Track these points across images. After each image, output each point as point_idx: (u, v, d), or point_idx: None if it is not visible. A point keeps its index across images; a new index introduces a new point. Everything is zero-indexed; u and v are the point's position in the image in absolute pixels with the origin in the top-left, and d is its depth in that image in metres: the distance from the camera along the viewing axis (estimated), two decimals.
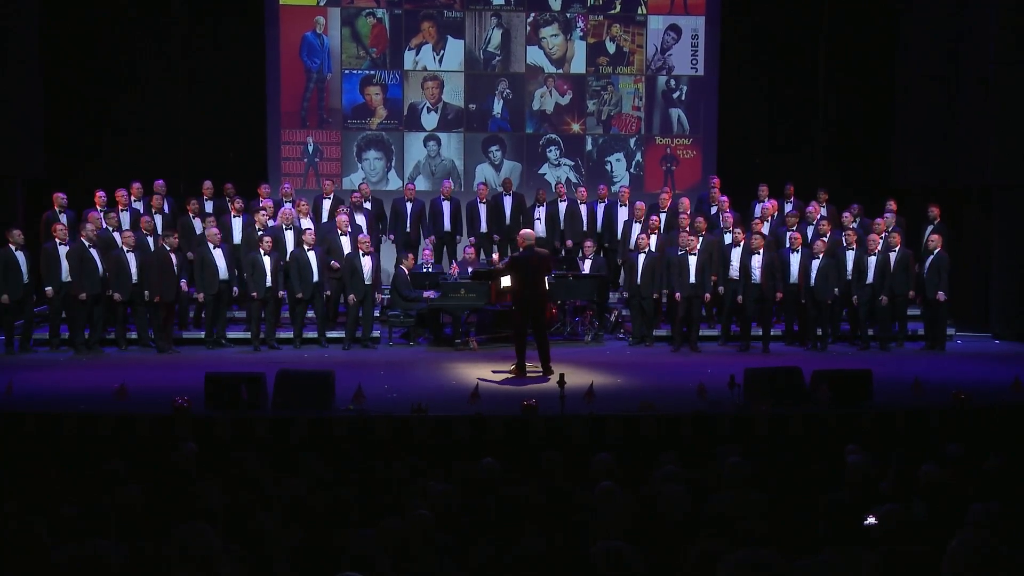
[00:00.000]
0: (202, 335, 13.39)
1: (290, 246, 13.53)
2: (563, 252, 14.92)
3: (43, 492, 6.34)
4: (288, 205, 14.26)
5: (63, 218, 13.44)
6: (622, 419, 9.45)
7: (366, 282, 13.26)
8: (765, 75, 17.00)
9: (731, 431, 9.37)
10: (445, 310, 13.50)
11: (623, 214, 14.84)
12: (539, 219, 14.93)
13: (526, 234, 11.94)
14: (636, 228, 14.14)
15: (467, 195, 16.00)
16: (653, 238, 13.79)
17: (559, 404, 9.40)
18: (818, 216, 14.25)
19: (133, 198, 14.28)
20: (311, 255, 13.24)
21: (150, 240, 13.30)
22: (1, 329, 12.94)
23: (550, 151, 17.25)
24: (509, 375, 11.62)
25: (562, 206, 15.15)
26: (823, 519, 4.92)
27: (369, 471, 6.92)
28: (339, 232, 13.69)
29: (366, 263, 13.30)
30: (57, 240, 12.83)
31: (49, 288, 12.77)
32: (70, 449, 8.66)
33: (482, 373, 11.64)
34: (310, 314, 13.62)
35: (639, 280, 13.38)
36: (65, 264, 12.75)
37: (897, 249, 13.36)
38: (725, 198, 14.68)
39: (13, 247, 12.76)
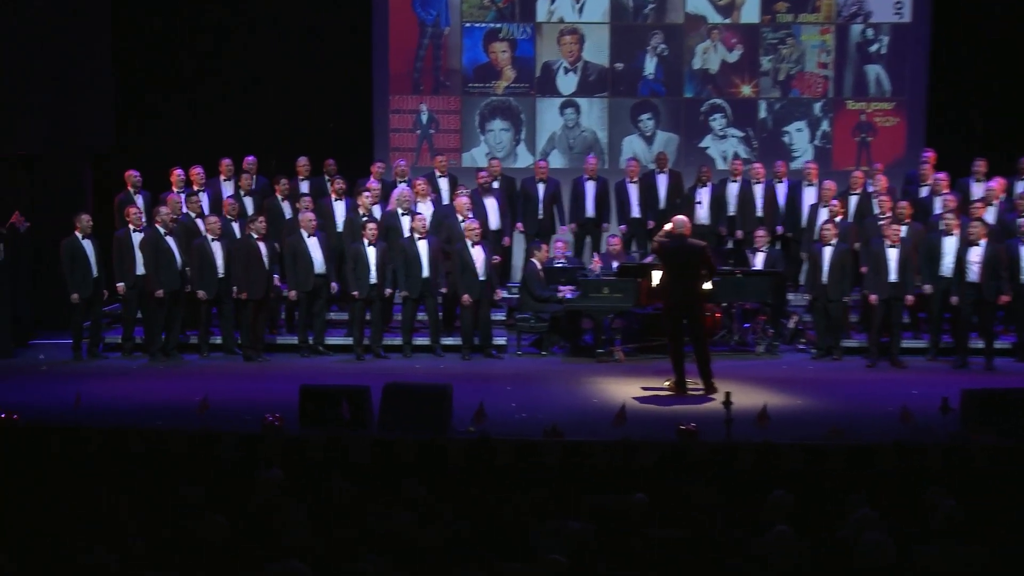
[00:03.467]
0: (295, 340, 13.69)
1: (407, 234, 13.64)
2: (731, 243, 14.74)
3: (111, 521, 6.55)
4: (404, 186, 14.42)
5: (139, 200, 13.80)
6: (803, 449, 9.36)
7: (480, 278, 13.35)
8: (989, 20, 16.44)
9: (943, 467, 9.21)
10: (585, 313, 13.51)
11: (809, 196, 14.59)
12: (700, 202, 14.79)
13: (678, 220, 11.89)
14: (823, 214, 13.88)
15: (612, 173, 15.96)
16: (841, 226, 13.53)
17: (724, 429, 9.34)
18: None
19: (223, 177, 14.51)
20: (421, 245, 13.36)
21: (235, 227, 13.54)
22: (69, 332, 13.42)
23: (714, 119, 17.08)
24: (664, 392, 11.61)
25: (732, 187, 14.98)
26: None
27: (490, 505, 6.96)
28: (459, 217, 13.79)
29: (477, 254, 13.37)
30: (131, 226, 13.11)
31: (121, 284, 13.13)
32: (141, 472, 8.94)
33: (630, 390, 11.63)
34: (421, 315, 13.77)
35: (825, 278, 13.19)
36: (139, 255, 13.01)
37: None
38: (942, 175, 14.23)
39: (80, 235, 13.12)
